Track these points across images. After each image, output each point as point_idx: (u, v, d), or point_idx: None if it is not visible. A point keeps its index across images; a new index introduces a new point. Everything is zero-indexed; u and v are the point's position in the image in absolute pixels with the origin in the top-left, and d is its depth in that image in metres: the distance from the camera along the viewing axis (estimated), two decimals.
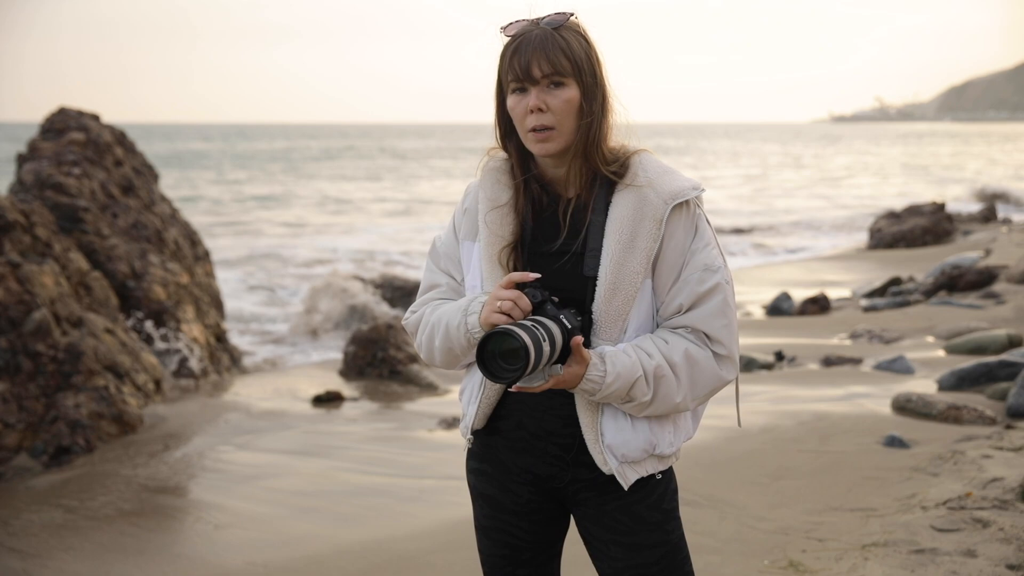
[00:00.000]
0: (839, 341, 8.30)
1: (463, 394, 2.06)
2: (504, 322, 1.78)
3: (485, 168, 2.00)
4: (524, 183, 1.94)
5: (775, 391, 6.34)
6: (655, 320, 1.92)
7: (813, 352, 7.64)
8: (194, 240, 9.14)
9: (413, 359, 7.67)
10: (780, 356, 7.51)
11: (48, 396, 5.73)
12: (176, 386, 7.10)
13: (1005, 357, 6.16)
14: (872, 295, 10.83)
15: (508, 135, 1.95)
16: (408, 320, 2.07)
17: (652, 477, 1.95)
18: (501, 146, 1.98)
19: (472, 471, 2.09)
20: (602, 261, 1.86)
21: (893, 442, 4.92)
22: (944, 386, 6.07)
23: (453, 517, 4.31)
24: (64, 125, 8.57)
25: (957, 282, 10.26)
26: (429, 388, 7.28)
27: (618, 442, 1.89)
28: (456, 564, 3.80)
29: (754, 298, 11.20)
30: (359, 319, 9.96)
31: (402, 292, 11.11)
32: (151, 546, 4.24)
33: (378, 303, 10.60)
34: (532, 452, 1.98)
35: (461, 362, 1.99)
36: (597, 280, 1.86)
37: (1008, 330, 7.41)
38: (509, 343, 1.68)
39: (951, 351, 7.35)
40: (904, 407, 5.56)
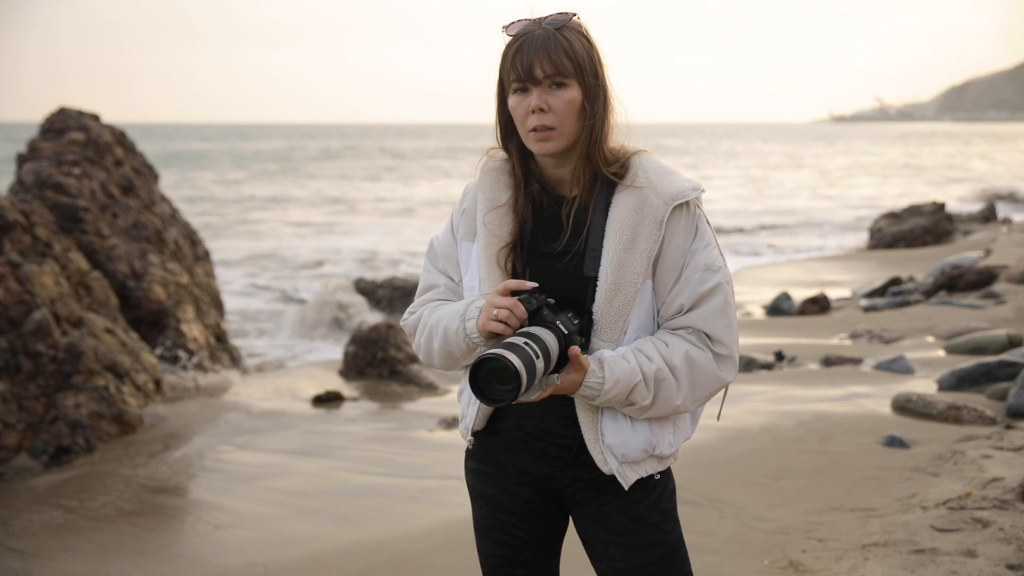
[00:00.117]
0: (839, 341, 8.30)
1: (462, 395, 2.06)
2: (500, 330, 1.78)
3: (484, 168, 1.99)
4: (524, 183, 1.94)
5: (775, 391, 6.33)
6: (656, 321, 1.92)
7: (813, 352, 7.64)
8: (194, 240, 9.14)
9: (413, 359, 7.67)
10: (780, 356, 7.51)
11: (48, 396, 5.73)
12: (176, 386, 7.10)
13: (1005, 357, 6.16)
14: (872, 295, 10.82)
15: (509, 135, 1.94)
16: (406, 321, 2.07)
17: (651, 478, 1.95)
18: (501, 146, 1.96)
19: (471, 471, 2.09)
20: (603, 262, 1.86)
21: (893, 442, 4.92)
22: (944, 386, 6.07)
23: (453, 517, 4.31)
24: (64, 125, 8.57)
25: (957, 282, 10.26)
26: (429, 388, 7.28)
27: (618, 442, 1.89)
28: (456, 564, 3.80)
29: (754, 298, 11.20)
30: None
31: (402, 292, 11.10)
32: (151, 546, 4.24)
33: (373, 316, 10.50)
34: (530, 453, 1.98)
35: (460, 364, 1.98)
36: (598, 281, 1.86)
37: (1008, 330, 7.41)
38: (501, 366, 1.67)
39: (951, 351, 7.35)
40: (904, 407, 5.56)
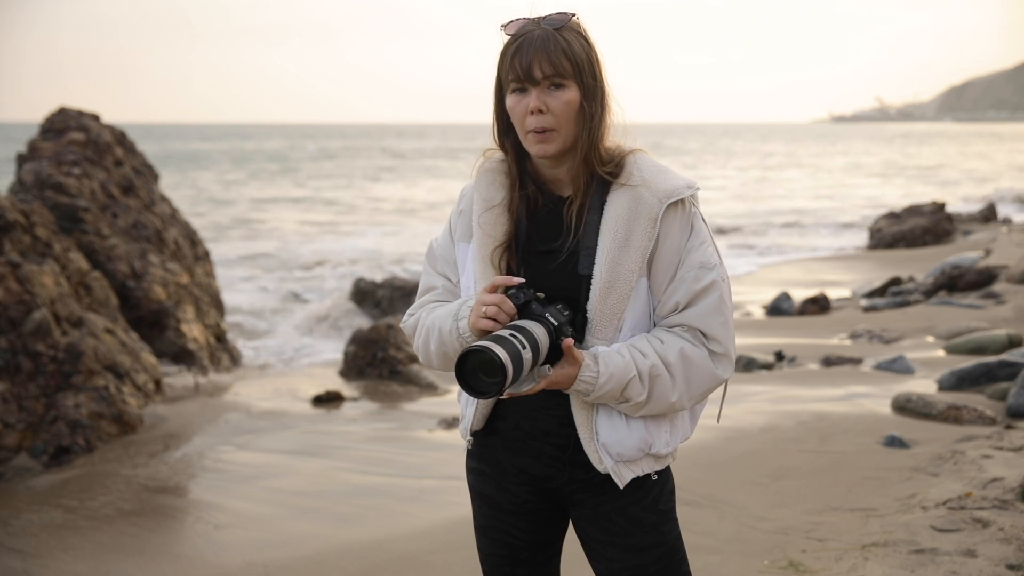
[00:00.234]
0: (839, 341, 8.30)
1: (461, 395, 2.06)
2: (490, 327, 1.78)
3: (480, 169, 2.00)
4: (519, 182, 1.94)
5: (775, 391, 6.33)
6: (651, 319, 1.92)
7: (813, 352, 7.64)
8: (194, 240, 9.14)
9: (413, 359, 7.67)
10: (780, 356, 7.51)
11: (48, 396, 5.73)
12: (176, 386, 7.10)
13: (1005, 357, 6.16)
14: (872, 295, 10.82)
15: (506, 133, 1.94)
16: (406, 323, 2.07)
17: (648, 478, 1.95)
18: (499, 144, 1.97)
19: (471, 471, 2.09)
20: (597, 259, 1.85)
21: (893, 442, 4.92)
22: (944, 386, 6.07)
23: (453, 517, 4.31)
24: (64, 125, 8.57)
25: (957, 282, 10.26)
26: (429, 388, 7.27)
27: (613, 441, 1.89)
28: (456, 564, 3.79)
29: (754, 298, 11.20)
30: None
31: (402, 292, 11.10)
32: (151, 546, 4.24)
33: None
34: (528, 452, 1.98)
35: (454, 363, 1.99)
36: (592, 279, 1.86)
37: (1008, 330, 7.41)
38: (484, 356, 1.67)
39: (951, 351, 7.35)
40: (904, 407, 5.56)
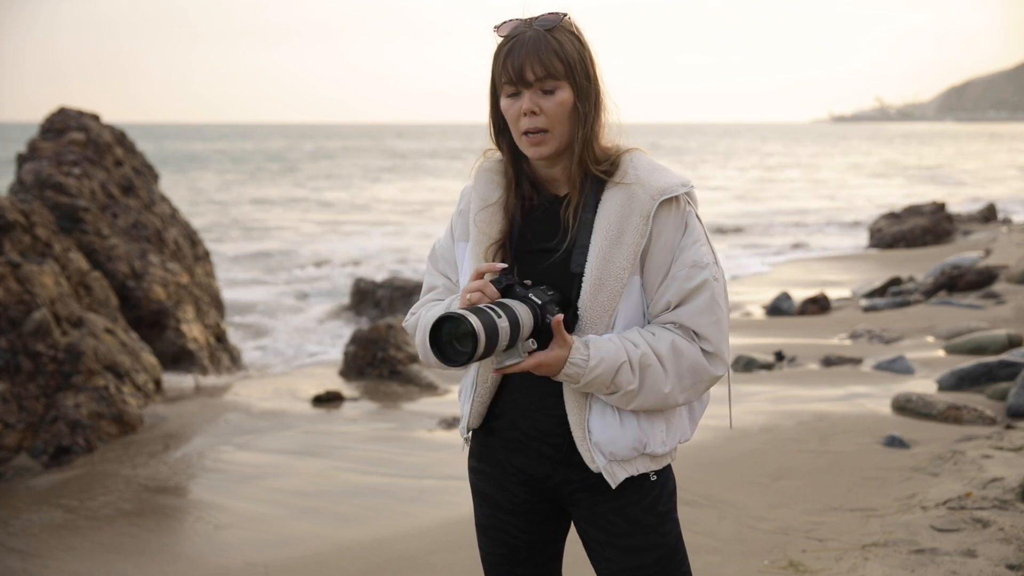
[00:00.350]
0: (839, 341, 8.30)
1: (461, 394, 2.07)
2: None
3: (479, 169, 2.01)
4: (515, 182, 1.95)
5: (775, 391, 6.33)
6: (645, 317, 1.91)
7: (813, 352, 7.64)
8: (194, 240, 9.14)
9: (413, 359, 7.67)
10: (780, 356, 7.51)
11: (48, 396, 5.73)
12: (176, 386, 7.10)
13: (1005, 357, 6.15)
14: (872, 295, 10.82)
15: (502, 133, 1.94)
16: (407, 322, 2.09)
17: (646, 478, 1.93)
18: (495, 144, 1.98)
19: (472, 470, 2.09)
20: (589, 257, 1.85)
21: (893, 442, 4.92)
22: (944, 386, 6.07)
23: (453, 517, 4.31)
24: (64, 125, 8.57)
25: (957, 282, 10.25)
26: (429, 388, 7.27)
27: (605, 439, 1.88)
28: (456, 564, 3.79)
29: (754, 298, 11.21)
30: None
31: (402, 292, 11.10)
32: (151, 546, 4.24)
33: None
34: (526, 452, 1.98)
35: None
36: (583, 276, 1.86)
37: (1008, 330, 7.40)
38: (459, 326, 1.67)
39: (951, 351, 7.35)
40: (904, 407, 5.56)
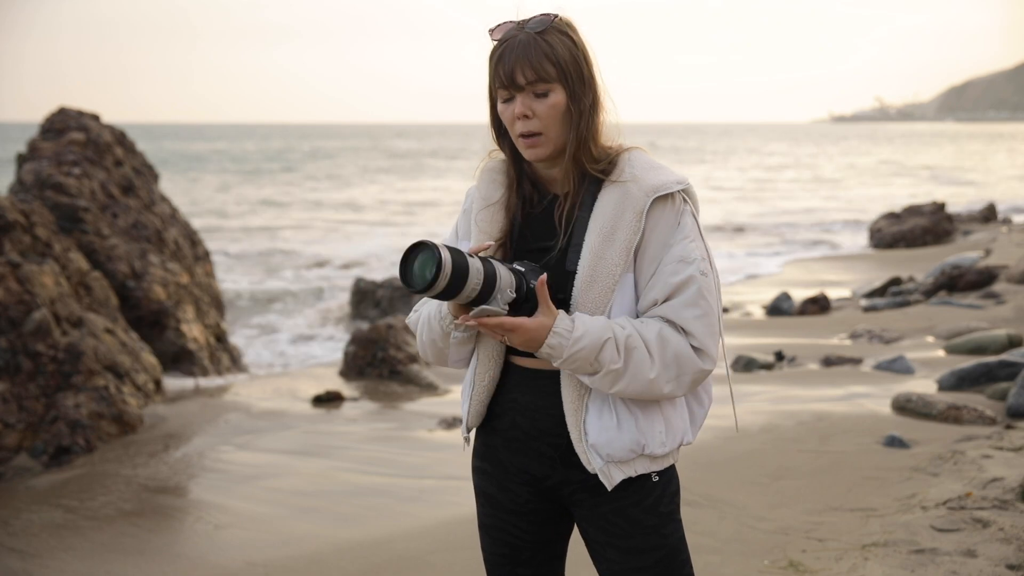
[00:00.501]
0: (839, 341, 8.30)
1: (463, 394, 2.07)
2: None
3: (483, 169, 2.02)
4: (517, 182, 1.96)
5: (775, 391, 6.33)
6: (637, 315, 1.91)
7: (813, 352, 7.64)
8: (194, 240, 9.14)
9: (413, 359, 7.67)
10: (780, 356, 7.51)
11: (48, 396, 5.73)
12: (176, 386, 7.10)
13: (1005, 357, 6.15)
14: (872, 295, 10.82)
15: (502, 135, 1.96)
16: (410, 319, 2.10)
17: (648, 479, 1.92)
18: (497, 145, 1.99)
19: (475, 470, 2.10)
20: (582, 254, 1.85)
21: (893, 442, 4.92)
22: (944, 386, 6.07)
23: (453, 517, 4.31)
24: (64, 125, 8.58)
25: (957, 282, 10.25)
26: (429, 388, 7.27)
27: (602, 441, 1.87)
28: (456, 564, 3.79)
29: (754, 298, 11.21)
30: None
31: (402, 292, 11.12)
32: (151, 546, 4.24)
33: None
34: (527, 452, 1.98)
35: (446, 354, 1.99)
36: (576, 273, 1.86)
37: (1008, 330, 7.40)
38: (429, 253, 1.69)
39: (951, 351, 7.35)
40: (904, 407, 5.56)
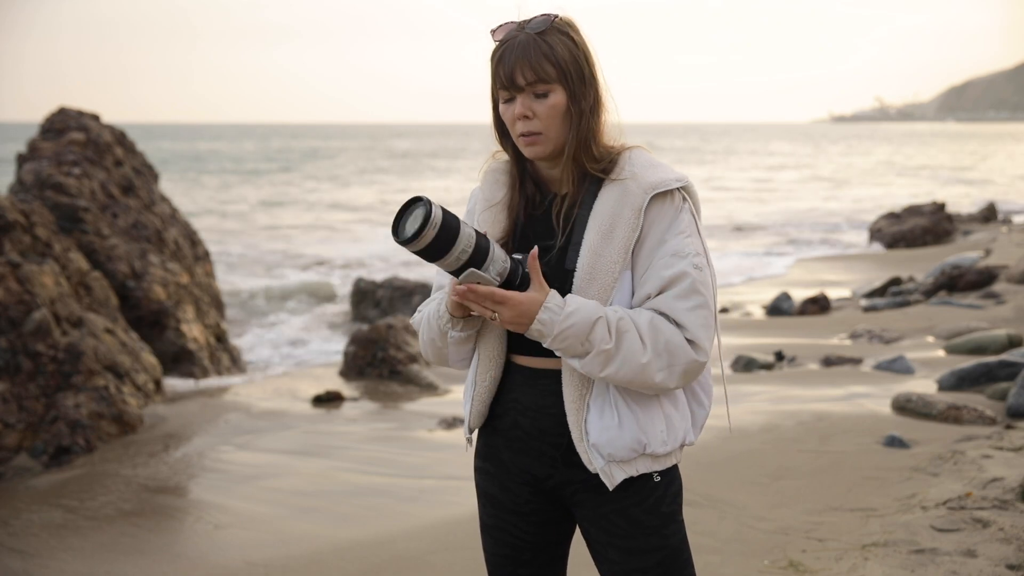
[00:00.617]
0: (839, 341, 8.30)
1: (464, 394, 2.08)
2: (461, 312, 1.88)
3: (487, 170, 2.03)
4: (520, 181, 1.96)
5: (775, 391, 6.33)
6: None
7: (813, 352, 7.64)
8: (194, 240, 9.14)
9: (413, 359, 7.67)
10: (780, 356, 7.51)
11: (48, 396, 5.73)
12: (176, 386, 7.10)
13: (1005, 357, 6.15)
14: (872, 295, 10.82)
15: (505, 135, 1.96)
16: (413, 319, 2.10)
17: (649, 480, 1.92)
18: (500, 145, 2.00)
19: (477, 470, 2.09)
20: (581, 252, 1.85)
21: (893, 442, 4.92)
22: (944, 386, 6.07)
23: (453, 517, 4.31)
24: (64, 125, 8.58)
25: (957, 282, 10.25)
26: (429, 388, 7.27)
27: (603, 440, 1.86)
28: (456, 564, 3.79)
29: (754, 298, 11.21)
30: None
31: (402, 292, 11.11)
32: (151, 546, 4.24)
33: None
34: (529, 452, 1.98)
35: (445, 354, 2.00)
36: (575, 272, 1.86)
37: (1008, 330, 7.40)
38: (420, 207, 1.70)
39: (951, 351, 7.35)
40: (904, 407, 5.56)
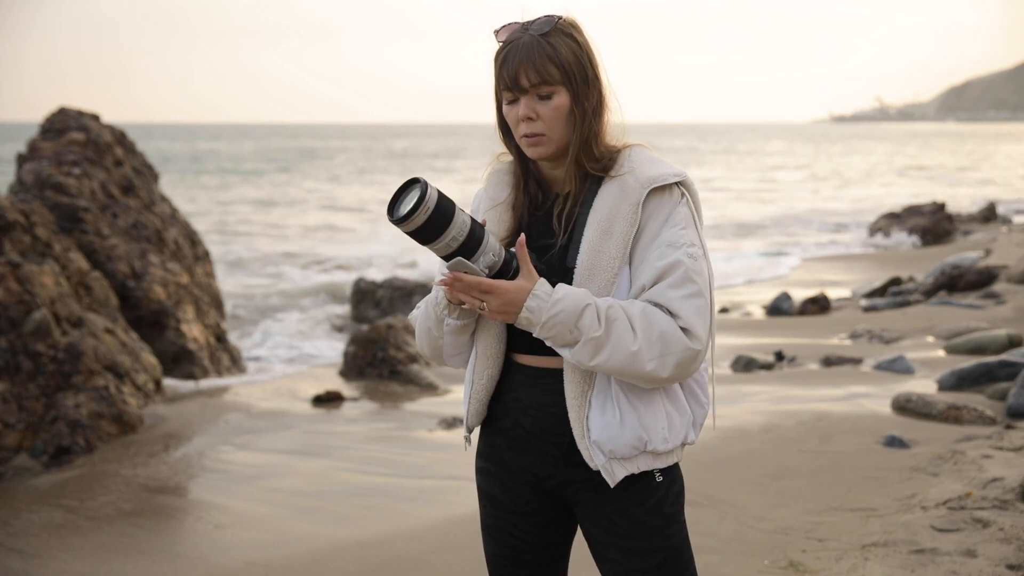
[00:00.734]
0: (839, 341, 8.30)
1: (464, 393, 2.08)
2: (450, 282, 1.85)
3: (491, 171, 2.04)
4: (523, 181, 1.97)
5: (775, 391, 6.33)
6: None
7: (813, 352, 7.64)
8: (194, 240, 9.14)
9: (413, 359, 7.67)
10: (780, 356, 7.51)
11: (48, 396, 5.73)
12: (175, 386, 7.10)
13: (1005, 357, 6.15)
14: (872, 295, 10.82)
15: (509, 136, 1.97)
16: (411, 315, 2.11)
17: (651, 479, 1.92)
18: (504, 146, 2.00)
19: (478, 470, 2.09)
20: (581, 248, 1.86)
21: (893, 442, 4.92)
22: (944, 386, 6.07)
23: (453, 517, 4.31)
24: (64, 125, 8.57)
25: (957, 282, 10.26)
26: (429, 388, 7.27)
27: (605, 438, 1.86)
28: (456, 564, 3.79)
29: (754, 298, 11.21)
30: None
31: (402, 292, 11.10)
32: (151, 546, 4.24)
33: None
34: (530, 451, 1.97)
35: (440, 344, 1.99)
36: (575, 268, 1.86)
37: (1008, 330, 7.41)
38: (416, 189, 1.71)
39: (951, 351, 7.35)
40: (904, 407, 5.56)
